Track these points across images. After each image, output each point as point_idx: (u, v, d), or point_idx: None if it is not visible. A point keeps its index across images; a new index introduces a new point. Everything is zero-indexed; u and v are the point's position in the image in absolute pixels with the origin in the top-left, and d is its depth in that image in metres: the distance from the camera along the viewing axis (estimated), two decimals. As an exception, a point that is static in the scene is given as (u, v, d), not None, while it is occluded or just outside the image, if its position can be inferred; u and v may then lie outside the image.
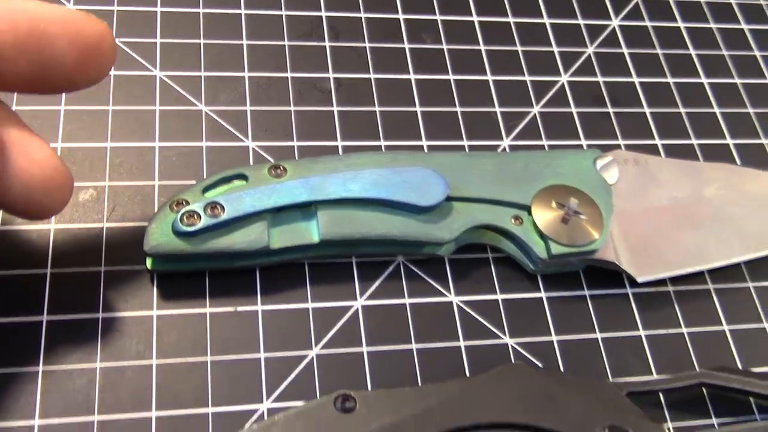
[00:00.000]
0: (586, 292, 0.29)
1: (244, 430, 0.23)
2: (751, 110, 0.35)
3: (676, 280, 0.29)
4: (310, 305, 0.27)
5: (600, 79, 0.34)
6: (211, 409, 0.24)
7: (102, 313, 0.25)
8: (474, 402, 0.24)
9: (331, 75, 0.32)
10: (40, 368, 0.24)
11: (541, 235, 0.28)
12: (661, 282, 0.29)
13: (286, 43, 0.32)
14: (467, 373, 0.26)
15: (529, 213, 0.28)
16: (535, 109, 0.33)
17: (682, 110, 0.34)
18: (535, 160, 0.30)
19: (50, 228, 0.26)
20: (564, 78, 0.34)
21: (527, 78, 0.33)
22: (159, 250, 0.25)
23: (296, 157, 0.29)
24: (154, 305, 0.26)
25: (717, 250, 0.29)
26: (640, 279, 0.28)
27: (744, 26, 0.37)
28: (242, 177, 0.27)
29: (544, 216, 0.28)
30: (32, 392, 0.23)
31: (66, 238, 0.26)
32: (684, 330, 0.29)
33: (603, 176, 0.29)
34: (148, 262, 0.26)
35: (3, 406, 0.23)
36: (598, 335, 0.28)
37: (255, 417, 0.24)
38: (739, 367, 0.28)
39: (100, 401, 0.23)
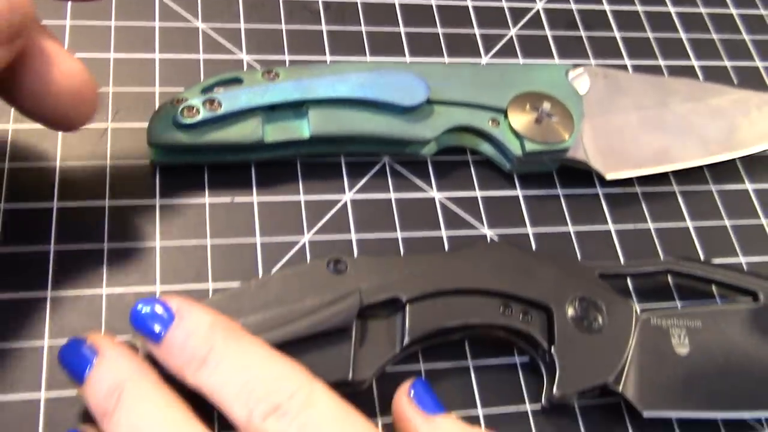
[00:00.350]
0: (559, 191, 0.31)
1: (243, 284, 0.24)
2: (715, 36, 0.37)
3: (643, 181, 0.31)
4: (302, 197, 0.29)
5: (573, 6, 0.36)
6: (211, 285, 0.26)
7: (108, 201, 0.27)
8: (456, 270, 0.26)
9: (320, -2, 0.34)
10: (52, 248, 0.25)
11: (517, 135, 0.30)
12: (629, 183, 0.31)
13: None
14: (448, 257, 0.28)
15: (506, 116, 0.30)
16: (512, 32, 0.35)
17: (650, 35, 0.36)
18: (510, 70, 0.32)
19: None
20: (539, 5, 0.36)
21: (504, 4, 0.36)
22: (161, 141, 0.27)
23: (288, 69, 0.31)
24: (157, 195, 0.28)
25: (679, 153, 0.32)
26: (608, 176, 0.30)
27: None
28: (238, 81, 0.29)
29: (519, 118, 0.30)
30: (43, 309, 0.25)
31: (73, 138, 0.28)
32: (650, 225, 0.31)
33: (574, 86, 0.31)
34: (152, 154, 0.28)
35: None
36: (570, 228, 0.30)
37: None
38: (702, 258, 0.30)
39: (109, 274, 0.25)
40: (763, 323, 0.28)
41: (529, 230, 0.30)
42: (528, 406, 0.26)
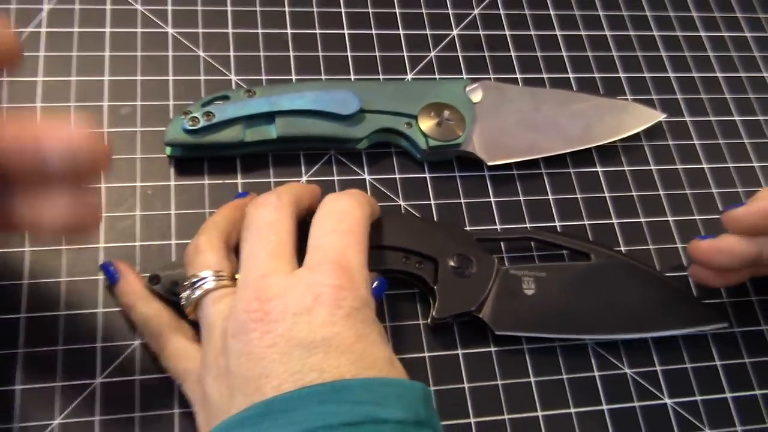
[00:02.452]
0: (456, 174, 0.43)
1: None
2: (589, 53, 0.49)
3: (518, 166, 0.44)
4: (272, 180, 0.41)
5: (481, 32, 0.48)
6: (208, 239, 0.39)
7: (139, 183, 0.40)
8: (375, 232, 0.36)
9: (288, 31, 0.46)
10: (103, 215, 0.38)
11: (424, 134, 0.42)
12: (508, 167, 0.44)
13: (258, 9, 0.46)
14: (372, 221, 0.41)
15: (417, 120, 0.42)
16: (432, 54, 0.47)
17: (539, 53, 0.48)
18: (422, 86, 0.44)
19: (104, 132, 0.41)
20: (455, 32, 0.48)
21: (428, 31, 0.48)
22: (174, 142, 0.40)
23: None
24: (172, 178, 0.40)
25: (546, 145, 0.44)
26: (489, 162, 0.42)
27: (594, -7, 0.51)
28: (226, 97, 0.41)
29: (426, 122, 0.42)
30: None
31: (115, 140, 0.41)
32: (521, 198, 0.43)
33: (470, 97, 0.44)
34: (167, 150, 0.40)
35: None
36: (462, 201, 0.42)
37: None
38: (558, 227, 0.43)
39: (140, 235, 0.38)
40: (591, 276, 0.39)
41: (432, 202, 0.42)
42: (420, 322, 0.39)
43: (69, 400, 0.34)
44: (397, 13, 0.48)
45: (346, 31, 0.47)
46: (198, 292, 0.32)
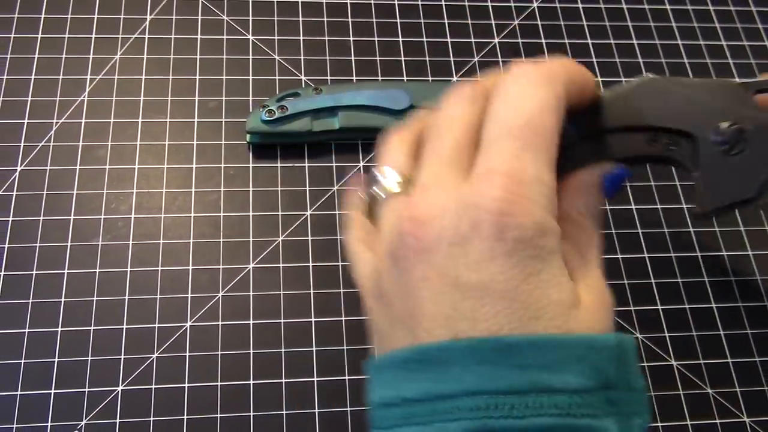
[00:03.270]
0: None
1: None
2: (618, 60, 0.55)
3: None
4: (333, 164, 0.48)
5: (520, 40, 0.55)
6: (281, 212, 0.46)
7: (223, 164, 0.47)
8: (592, 112, 0.28)
9: (351, 38, 0.53)
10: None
11: (465, 128, 0.49)
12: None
13: (325, 19, 0.54)
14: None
15: (460, 116, 0.49)
16: (475, 59, 0.54)
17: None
18: (467, 86, 0.51)
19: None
20: (496, 40, 0.55)
21: (472, 39, 0.54)
22: (253, 130, 0.47)
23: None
24: (250, 162, 0.48)
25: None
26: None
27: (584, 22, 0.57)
28: (297, 94, 0.48)
29: (468, 117, 0.49)
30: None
31: (204, 128, 0.48)
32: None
33: (507, 96, 0.50)
34: (247, 137, 0.48)
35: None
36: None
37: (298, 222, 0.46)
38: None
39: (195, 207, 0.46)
40: None
41: (472, 186, 0.48)
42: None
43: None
44: (446, 24, 0.55)
45: (401, 39, 0.54)
46: (374, 190, 0.27)
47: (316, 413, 0.41)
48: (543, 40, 0.55)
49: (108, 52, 0.50)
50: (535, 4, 0.56)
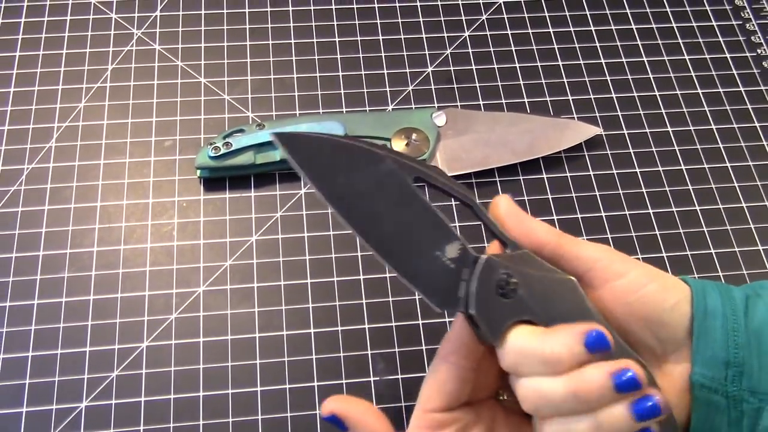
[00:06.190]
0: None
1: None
2: (543, 81, 0.59)
3: (477, 176, 0.54)
4: (277, 192, 0.53)
5: (452, 68, 0.59)
6: (228, 239, 0.51)
7: (177, 197, 0.52)
8: None
9: (294, 75, 0.58)
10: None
11: (396, 153, 0.53)
12: (468, 177, 0.54)
13: (270, 59, 0.59)
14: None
15: (390, 142, 0.53)
16: (410, 87, 0.58)
17: (499, 83, 0.59)
18: (397, 115, 0.55)
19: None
20: (429, 69, 0.59)
21: (407, 69, 0.59)
22: (201, 165, 0.52)
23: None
24: (201, 194, 0.53)
25: (498, 158, 0.54)
26: (450, 173, 0.53)
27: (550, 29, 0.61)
28: (242, 130, 0.53)
29: (398, 143, 0.53)
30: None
31: (159, 166, 0.53)
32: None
33: (435, 121, 0.55)
34: (198, 173, 0.53)
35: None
36: (429, 204, 0.53)
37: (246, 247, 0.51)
38: (506, 219, 0.53)
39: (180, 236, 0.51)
40: None
41: (404, 206, 0.53)
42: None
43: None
44: (383, 57, 0.59)
45: (340, 73, 0.58)
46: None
47: (259, 419, 0.45)
48: (473, 66, 0.59)
49: (73, 101, 0.56)
50: (466, 34, 0.61)
